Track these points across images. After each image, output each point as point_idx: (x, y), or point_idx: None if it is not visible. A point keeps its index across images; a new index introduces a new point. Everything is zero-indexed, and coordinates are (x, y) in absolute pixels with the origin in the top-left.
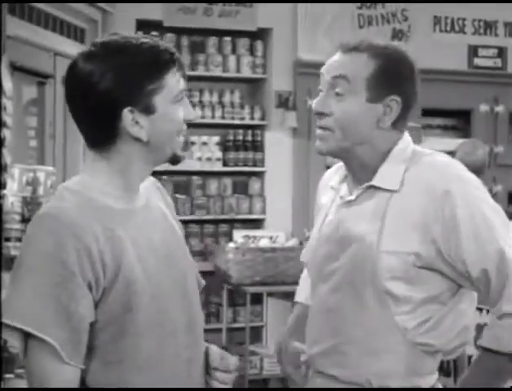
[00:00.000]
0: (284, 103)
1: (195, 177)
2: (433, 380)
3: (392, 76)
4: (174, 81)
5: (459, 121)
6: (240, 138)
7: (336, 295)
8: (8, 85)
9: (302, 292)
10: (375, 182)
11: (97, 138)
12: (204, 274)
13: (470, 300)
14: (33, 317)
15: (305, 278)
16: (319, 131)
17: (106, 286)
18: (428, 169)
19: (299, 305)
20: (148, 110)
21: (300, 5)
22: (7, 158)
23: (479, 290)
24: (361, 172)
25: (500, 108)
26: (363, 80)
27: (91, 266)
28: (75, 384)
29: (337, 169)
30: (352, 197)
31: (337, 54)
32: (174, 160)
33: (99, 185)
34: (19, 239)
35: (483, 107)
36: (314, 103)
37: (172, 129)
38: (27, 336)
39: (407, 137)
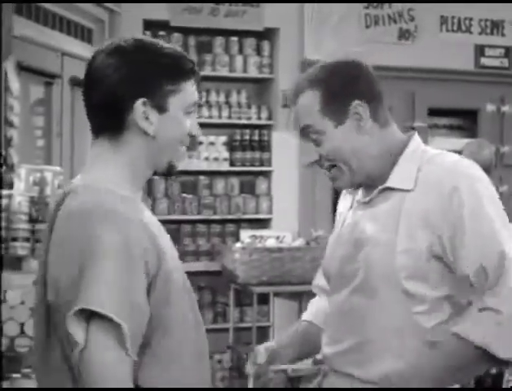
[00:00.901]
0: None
1: (202, 177)
2: None
3: (338, 89)
4: (190, 91)
5: (465, 121)
6: (247, 137)
7: (354, 295)
8: (15, 85)
9: (308, 312)
10: (390, 183)
11: (106, 125)
12: (211, 274)
13: None
14: (109, 304)
15: (313, 302)
16: (328, 174)
17: (150, 281)
18: (438, 167)
19: (303, 322)
20: (161, 108)
21: (307, 5)
22: (14, 158)
23: (475, 289)
24: (372, 180)
25: (506, 108)
26: (318, 114)
27: (144, 259)
28: (131, 377)
29: None
30: (366, 199)
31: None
32: (170, 170)
33: (109, 177)
34: (26, 239)
35: (490, 107)
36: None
37: (177, 135)
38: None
39: (417, 138)
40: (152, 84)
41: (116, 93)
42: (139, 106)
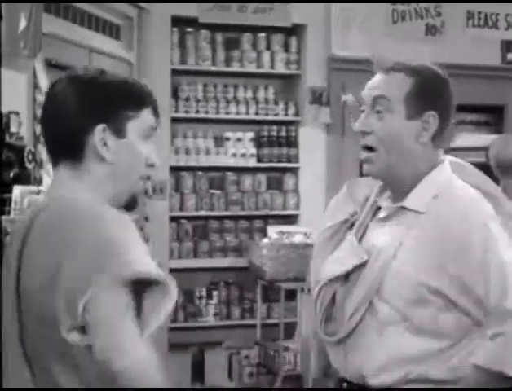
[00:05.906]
0: (318, 98)
1: (229, 173)
2: None
3: (428, 92)
4: (148, 118)
5: (492, 117)
6: (275, 134)
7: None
8: (44, 82)
9: None
10: (405, 203)
11: (66, 154)
12: (238, 269)
13: None
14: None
15: None
16: (364, 154)
17: None
18: (455, 205)
19: None
20: (119, 133)
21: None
22: (43, 154)
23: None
24: (398, 192)
25: None
26: (401, 98)
27: None
28: None
29: (368, 182)
30: (385, 215)
31: (377, 75)
32: (131, 202)
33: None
34: None
35: None
36: (357, 123)
37: (135, 162)
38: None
39: (447, 165)
40: (111, 110)
41: (77, 119)
42: (99, 132)
